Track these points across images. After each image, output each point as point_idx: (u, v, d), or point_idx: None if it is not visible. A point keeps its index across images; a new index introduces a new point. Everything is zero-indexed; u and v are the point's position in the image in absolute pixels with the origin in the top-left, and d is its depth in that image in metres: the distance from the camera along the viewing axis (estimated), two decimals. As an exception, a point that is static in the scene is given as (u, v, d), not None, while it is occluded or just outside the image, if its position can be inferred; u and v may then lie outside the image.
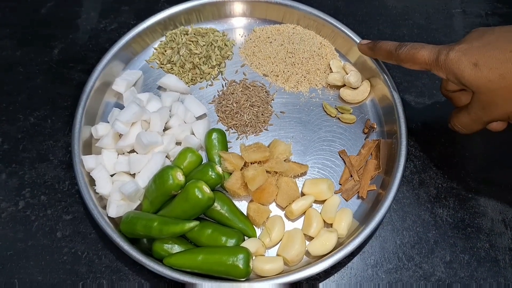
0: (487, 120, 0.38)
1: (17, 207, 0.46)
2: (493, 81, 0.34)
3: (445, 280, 0.43)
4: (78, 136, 0.46)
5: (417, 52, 0.39)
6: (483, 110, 0.37)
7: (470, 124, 0.40)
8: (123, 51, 0.52)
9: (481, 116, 0.37)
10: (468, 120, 0.39)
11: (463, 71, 0.35)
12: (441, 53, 0.37)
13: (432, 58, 0.38)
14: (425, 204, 0.47)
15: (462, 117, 0.40)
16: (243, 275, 0.39)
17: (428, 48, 0.39)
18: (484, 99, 0.36)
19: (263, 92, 0.52)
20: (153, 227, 0.39)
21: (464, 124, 0.40)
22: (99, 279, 0.42)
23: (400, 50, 0.41)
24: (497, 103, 0.35)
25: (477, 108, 0.37)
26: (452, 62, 0.36)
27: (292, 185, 0.45)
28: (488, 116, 0.37)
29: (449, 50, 0.36)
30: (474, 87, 0.35)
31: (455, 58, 0.36)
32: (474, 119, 0.39)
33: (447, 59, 0.36)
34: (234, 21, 0.57)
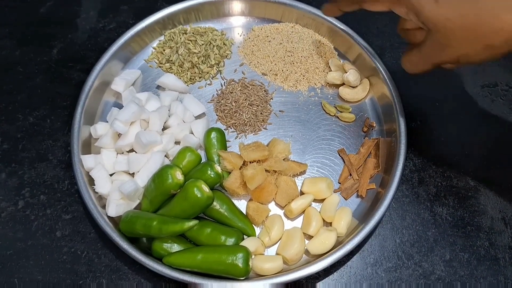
0: (437, 61, 0.37)
1: (17, 207, 0.46)
2: (452, 20, 0.33)
3: (445, 279, 0.43)
4: (77, 135, 0.46)
5: None
6: (435, 50, 0.36)
7: (419, 63, 0.39)
8: (122, 51, 0.52)
9: (432, 56, 0.36)
10: (418, 58, 0.38)
11: (423, 7, 0.34)
12: None
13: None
14: (424, 202, 0.47)
15: (413, 55, 0.39)
16: (242, 274, 0.39)
17: None
18: (439, 38, 0.35)
19: (262, 91, 0.52)
20: (152, 226, 0.39)
21: (413, 63, 0.39)
22: (98, 278, 0.42)
23: None
24: (451, 44, 0.34)
25: (429, 47, 0.36)
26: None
27: (291, 184, 0.45)
28: (438, 57, 0.36)
29: None
30: (431, 24, 0.34)
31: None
32: (424, 58, 0.37)
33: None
34: (233, 20, 0.57)
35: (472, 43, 0.33)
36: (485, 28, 0.32)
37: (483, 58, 0.34)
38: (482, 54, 0.34)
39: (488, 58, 0.34)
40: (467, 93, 0.54)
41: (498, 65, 0.56)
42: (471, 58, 0.35)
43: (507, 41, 0.32)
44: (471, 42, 0.33)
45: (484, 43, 0.33)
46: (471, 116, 0.53)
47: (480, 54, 0.34)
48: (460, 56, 0.35)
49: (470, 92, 0.54)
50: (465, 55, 0.34)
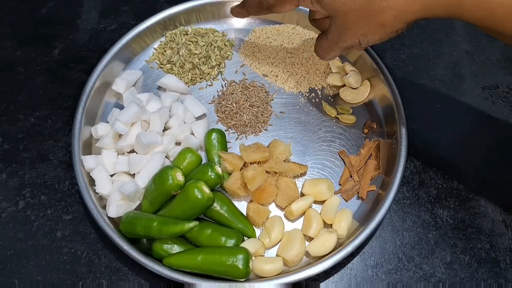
0: (342, 46, 0.39)
1: (17, 207, 0.46)
2: (345, 3, 0.36)
3: (446, 281, 0.43)
4: (78, 136, 0.46)
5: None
6: (338, 34, 0.38)
7: (327, 49, 0.41)
8: (123, 51, 0.52)
9: (337, 40, 0.39)
10: (326, 44, 0.41)
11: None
12: None
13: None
14: (425, 204, 0.47)
15: (322, 41, 0.41)
16: (242, 275, 0.39)
17: None
18: (339, 22, 0.37)
19: (263, 92, 0.52)
20: (152, 227, 0.39)
21: (322, 49, 0.42)
22: (98, 279, 0.42)
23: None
24: (349, 27, 0.37)
25: (334, 33, 0.39)
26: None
27: (292, 186, 0.45)
28: (342, 41, 0.38)
29: None
30: (331, 11, 0.37)
31: None
32: (330, 43, 0.40)
33: None
34: (234, 21, 0.57)
35: (366, 23, 0.36)
36: (374, 8, 0.35)
37: (380, 36, 0.37)
38: (377, 33, 0.36)
39: (384, 36, 0.37)
40: (467, 95, 0.54)
41: (499, 67, 0.56)
42: (370, 37, 0.37)
43: (396, 18, 0.35)
44: (365, 22, 0.36)
45: (376, 22, 0.35)
46: (471, 118, 0.53)
47: (376, 33, 0.36)
48: (360, 36, 0.37)
49: (470, 94, 0.54)
50: (363, 35, 0.37)
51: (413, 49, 0.57)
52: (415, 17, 0.35)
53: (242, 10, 0.46)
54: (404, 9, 0.34)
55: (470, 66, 0.56)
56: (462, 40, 0.59)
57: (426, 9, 0.34)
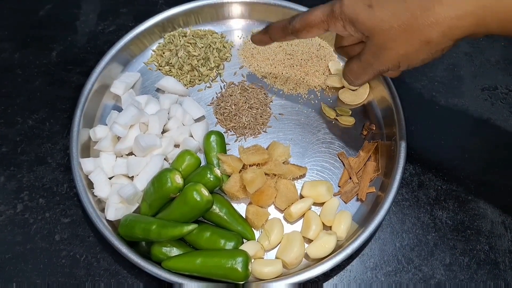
0: (378, 69, 0.36)
1: (16, 210, 0.46)
2: (385, 20, 0.33)
3: (445, 283, 0.43)
4: (76, 138, 0.46)
5: (309, 17, 0.37)
6: (374, 55, 0.35)
7: (360, 73, 0.38)
8: (122, 53, 0.52)
9: (372, 62, 0.36)
10: (358, 67, 0.37)
11: (358, 14, 0.34)
12: (335, 4, 0.35)
13: (326, 13, 0.36)
14: (424, 206, 0.47)
15: (353, 65, 0.38)
16: (242, 278, 0.39)
17: (319, 6, 0.37)
18: (376, 42, 0.34)
19: (262, 94, 0.52)
20: (151, 230, 0.39)
21: (354, 73, 0.38)
22: (97, 282, 0.42)
23: (293, 21, 0.39)
24: (389, 46, 0.34)
25: (369, 54, 0.36)
26: (347, 8, 0.34)
27: (291, 188, 0.45)
28: (379, 63, 0.35)
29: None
30: (368, 30, 0.34)
31: (350, 3, 0.34)
32: (364, 66, 0.37)
33: (342, 6, 0.35)
34: (233, 23, 0.57)
35: (409, 41, 0.33)
36: (418, 24, 0.31)
37: (423, 57, 0.33)
38: (421, 52, 0.33)
39: (428, 57, 0.33)
40: (467, 97, 0.54)
41: (498, 68, 0.56)
42: (411, 58, 0.34)
43: (445, 34, 0.31)
44: (407, 40, 0.33)
45: (420, 39, 0.32)
46: (471, 119, 0.52)
47: (419, 52, 0.33)
48: (400, 57, 0.34)
49: (470, 95, 0.54)
50: (404, 56, 0.34)
51: (412, 50, 0.57)
52: (465, 34, 0.31)
53: (264, 37, 0.43)
54: (454, 24, 0.31)
55: (469, 68, 0.56)
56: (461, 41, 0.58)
57: (479, 24, 0.31)
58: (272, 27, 0.42)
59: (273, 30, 0.42)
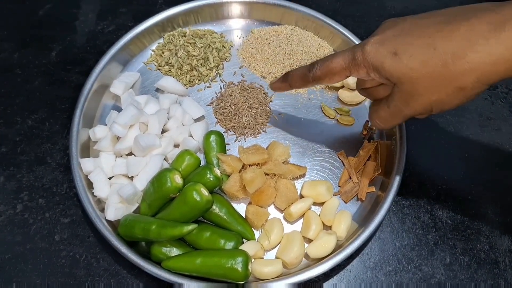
0: (409, 114, 0.35)
1: (15, 210, 0.45)
2: (414, 69, 0.32)
3: (445, 282, 0.43)
4: (76, 138, 0.46)
5: (330, 63, 0.36)
6: (404, 102, 0.34)
7: (389, 119, 0.37)
8: (121, 53, 0.52)
9: (402, 109, 0.35)
10: (387, 114, 0.36)
11: (383, 62, 0.33)
12: (357, 51, 0.34)
13: (348, 60, 0.35)
14: (424, 206, 0.47)
15: (381, 111, 0.37)
16: (241, 278, 0.39)
17: (340, 53, 0.36)
18: (406, 89, 0.33)
19: (262, 93, 0.52)
20: (151, 230, 0.39)
21: (383, 119, 0.37)
22: (97, 282, 0.42)
23: (314, 69, 0.38)
24: (420, 93, 0.33)
25: (398, 101, 0.34)
26: (370, 55, 0.34)
27: (291, 187, 0.45)
28: (410, 109, 0.34)
29: (364, 45, 0.34)
30: (395, 78, 0.33)
31: (373, 50, 0.33)
32: (394, 112, 0.35)
33: (364, 53, 0.34)
34: (232, 23, 0.57)
35: (442, 88, 0.32)
36: (452, 72, 0.31)
37: (457, 102, 0.33)
38: (455, 98, 0.32)
39: (462, 101, 0.33)
40: (467, 96, 0.54)
41: (498, 67, 0.56)
42: (445, 103, 0.33)
43: (479, 80, 0.31)
44: (440, 87, 0.32)
45: (454, 86, 0.32)
46: (471, 118, 0.52)
47: (454, 98, 0.32)
48: (433, 103, 0.33)
49: (470, 94, 0.54)
50: (437, 101, 0.33)
51: (412, 49, 0.57)
52: (500, 78, 0.31)
53: (283, 84, 0.42)
54: (489, 70, 0.30)
55: (469, 67, 0.56)
56: (460, 40, 0.58)
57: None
58: (291, 75, 0.41)
59: (293, 78, 0.41)
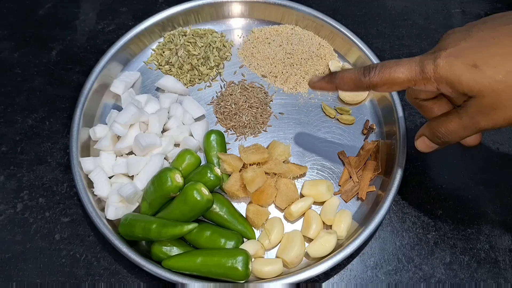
0: (486, 126, 0.33)
1: (15, 210, 0.45)
2: (499, 80, 0.30)
3: (445, 282, 0.43)
4: (76, 138, 0.46)
5: (393, 72, 0.33)
6: (483, 115, 0.32)
7: (460, 132, 0.34)
8: (121, 53, 0.52)
9: (479, 121, 0.33)
10: (459, 127, 0.34)
11: (460, 76, 0.31)
12: (426, 64, 0.32)
13: (415, 73, 0.33)
14: (424, 205, 0.47)
15: (451, 123, 0.34)
16: (242, 277, 0.39)
17: (404, 63, 0.33)
18: (487, 102, 0.31)
19: (262, 93, 0.52)
20: (151, 229, 0.39)
21: (451, 132, 0.35)
22: (97, 281, 0.42)
23: (370, 74, 0.34)
24: (504, 105, 0.31)
25: (474, 114, 0.32)
26: (444, 70, 0.31)
27: (291, 187, 0.45)
28: (489, 122, 0.32)
29: (435, 58, 0.32)
30: (475, 91, 0.31)
31: (447, 65, 0.31)
32: (467, 125, 0.34)
33: (436, 68, 0.32)
34: (233, 22, 0.57)
35: None
36: None
37: None
38: None
39: None
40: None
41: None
42: None
43: None
44: None
45: None
46: (471, 118, 0.52)
47: None
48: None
49: (470, 94, 0.54)
50: None
51: (412, 49, 0.57)
52: None
53: (328, 85, 0.38)
54: None
55: (469, 66, 0.56)
56: (461, 40, 0.58)
57: None
58: (340, 77, 0.37)
59: (342, 80, 0.37)
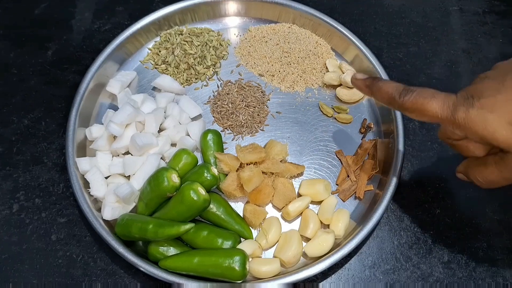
0: None
1: (11, 210, 0.45)
2: None
3: (443, 281, 0.43)
4: (72, 138, 0.45)
5: (426, 103, 0.32)
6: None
7: (499, 182, 0.33)
8: (117, 52, 0.52)
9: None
10: (497, 178, 0.33)
11: (494, 132, 0.30)
12: (458, 110, 0.31)
13: (446, 114, 0.32)
14: (422, 204, 0.47)
15: (489, 174, 0.34)
16: (239, 277, 0.39)
17: (440, 98, 0.32)
18: None
19: (259, 92, 0.52)
20: (148, 230, 0.39)
21: (489, 181, 0.34)
22: (94, 282, 0.42)
23: (405, 97, 0.34)
24: None
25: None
26: (476, 123, 0.30)
27: (289, 186, 0.44)
28: None
29: (469, 107, 0.30)
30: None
31: (480, 118, 0.30)
32: (508, 177, 0.33)
33: (468, 118, 0.30)
34: (229, 21, 0.57)
35: None
36: None
37: None
38: None
39: None
40: (465, 94, 0.54)
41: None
42: None
43: None
44: None
45: None
46: (469, 116, 0.52)
47: None
48: None
49: (468, 92, 0.54)
50: None
51: (410, 47, 0.57)
52: None
53: (365, 89, 0.38)
54: None
55: (467, 64, 0.56)
56: (459, 38, 0.58)
57: None
58: (379, 87, 0.36)
59: (379, 92, 0.36)
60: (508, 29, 0.59)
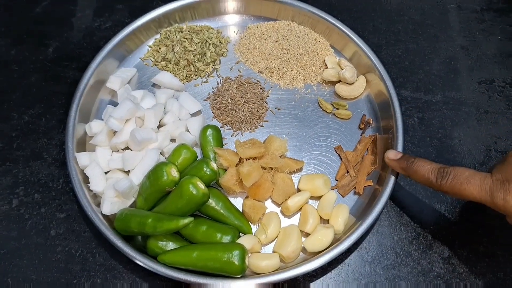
0: None
1: (11, 205, 0.45)
2: None
3: (444, 276, 0.42)
4: (72, 133, 0.45)
5: (463, 189, 0.35)
6: None
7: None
8: (118, 49, 0.52)
9: None
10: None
11: None
12: (496, 197, 0.33)
13: (485, 199, 0.34)
14: (422, 199, 0.46)
15: None
16: (238, 271, 0.38)
17: (476, 183, 0.34)
18: None
19: (258, 88, 0.52)
20: (147, 224, 0.39)
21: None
22: (93, 277, 0.42)
23: (442, 181, 0.36)
24: None
25: None
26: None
27: (288, 181, 0.44)
28: None
29: (505, 193, 0.32)
30: None
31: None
32: None
33: (507, 205, 0.32)
34: (229, 18, 0.57)
35: None
36: None
37: None
38: None
39: None
40: (463, 90, 0.54)
41: (495, 61, 0.56)
42: None
43: None
44: None
45: None
46: (468, 112, 0.52)
47: None
48: None
49: (466, 89, 0.54)
50: None
51: (409, 44, 0.57)
52: None
53: (401, 170, 0.40)
54: None
55: (466, 61, 0.56)
56: (457, 35, 0.59)
57: None
58: (415, 170, 0.38)
59: (416, 174, 0.38)
60: (506, 26, 0.59)
